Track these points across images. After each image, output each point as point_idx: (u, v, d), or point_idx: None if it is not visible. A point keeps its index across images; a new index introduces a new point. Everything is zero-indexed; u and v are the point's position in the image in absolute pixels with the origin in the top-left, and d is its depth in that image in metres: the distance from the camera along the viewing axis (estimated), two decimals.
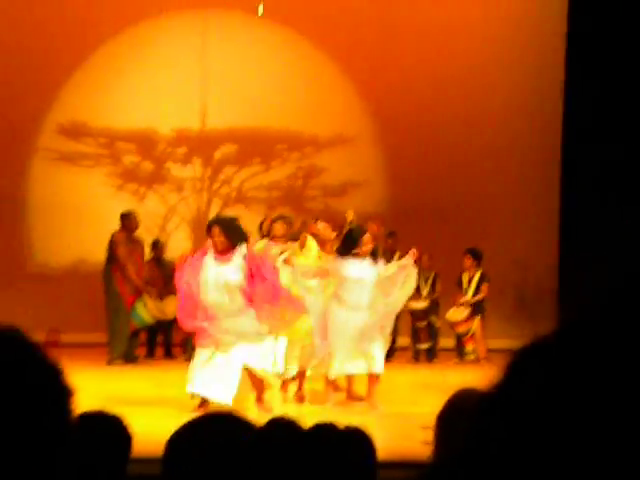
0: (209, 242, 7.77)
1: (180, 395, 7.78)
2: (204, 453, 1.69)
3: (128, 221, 11.08)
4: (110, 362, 10.72)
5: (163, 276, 11.14)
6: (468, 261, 11.57)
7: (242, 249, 7.61)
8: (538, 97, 12.79)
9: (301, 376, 8.29)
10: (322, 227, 8.60)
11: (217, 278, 7.53)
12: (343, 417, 5.58)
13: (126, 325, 10.85)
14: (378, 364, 7.76)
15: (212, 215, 13.20)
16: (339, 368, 7.79)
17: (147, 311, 10.87)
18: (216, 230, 7.65)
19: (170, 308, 10.52)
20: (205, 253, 7.70)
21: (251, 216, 11.99)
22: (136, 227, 11.14)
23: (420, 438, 5.53)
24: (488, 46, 13.00)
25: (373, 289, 7.84)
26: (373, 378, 7.80)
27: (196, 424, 1.77)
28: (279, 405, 7.99)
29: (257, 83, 12.97)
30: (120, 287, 10.85)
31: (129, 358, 10.86)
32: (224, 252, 7.57)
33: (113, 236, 11.01)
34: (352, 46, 12.99)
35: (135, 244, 11.11)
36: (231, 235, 7.61)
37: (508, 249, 12.76)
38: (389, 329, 8.17)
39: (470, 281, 11.58)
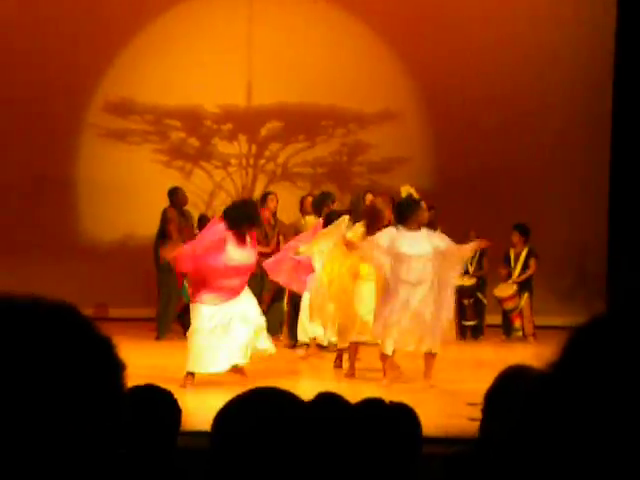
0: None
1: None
2: (251, 428, 1.71)
3: (176, 197, 11.14)
4: (159, 338, 10.80)
5: None
6: (516, 237, 11.51)
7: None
8: (589, 73, 12.62)
9: (352, 351, 8.36)
10: (379, 202, 8.58)
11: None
12: (389, 393, 5.60)
13: (176, 301, 10.91)
14: (436, 342, 7.74)
15: (258, 191, 13.28)
16: (396, 344, 7.73)
17: None
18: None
19: None
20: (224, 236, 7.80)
21: (297, 192, 12.02)
22: (185, 202, 11.21)
23: (466, 414, 5.54)
24: (536, 22, 12.83)
25: (429, 264, 7.75)
26: (430, 356, 7.79)
27: (243, 399, 1.79)
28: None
29: (303, 59, 12.94)
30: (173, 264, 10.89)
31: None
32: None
33: (164, 212, 11.06)
34: (398, 21, 12.90)
35: (185, 220, 11.18)
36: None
37: (555, 226, 12.64)
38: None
39: (518, 257, 11.53)
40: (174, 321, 11.04)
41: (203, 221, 11.77)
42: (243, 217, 7.81)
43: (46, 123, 12.76)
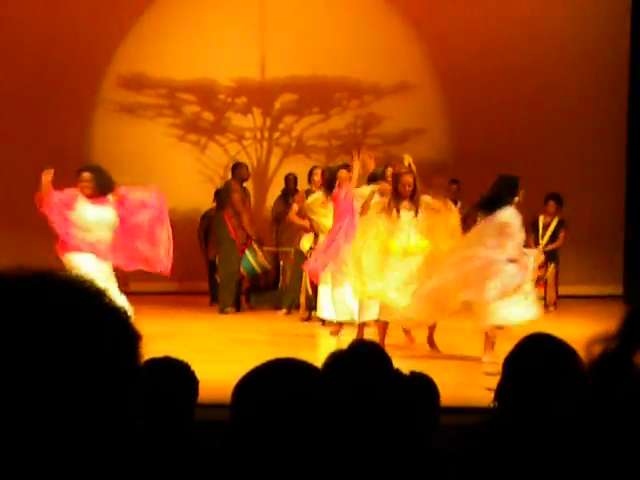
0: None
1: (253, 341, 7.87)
2: (270, 399, 1.71)
3: (240, 170, 11.19)
4: (222, 310, 10.80)
5: None
6: (552, 207, 11.43)
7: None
8: (608, 39, 12.51)
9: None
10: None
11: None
12: (407, 364, 5.60)
13: (237, 273, 10.94)
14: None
15: (273, 164, 13.25)
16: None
17: (257, 260, 10.96)
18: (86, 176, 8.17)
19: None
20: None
21: (312, 165, 11.99)
22: (247, 177, 11.28)
23: (483, 385, 5.54)
24: None
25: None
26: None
27: (262, 370, 1.78)
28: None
29: (316, 32, 12.87)
30: (234, 234, 10.94)
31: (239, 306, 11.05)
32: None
33: (227, 185, 11.14)
34: None
35: (245, 194, 11.26)
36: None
37: (572, 197, 12.58)
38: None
39: (547, 226, 11.47)
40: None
41: (219, 195, 11.78)
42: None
43: (60, 99, 12.75)
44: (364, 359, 2.31)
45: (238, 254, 10.86)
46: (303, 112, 13.34)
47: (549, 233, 11.45)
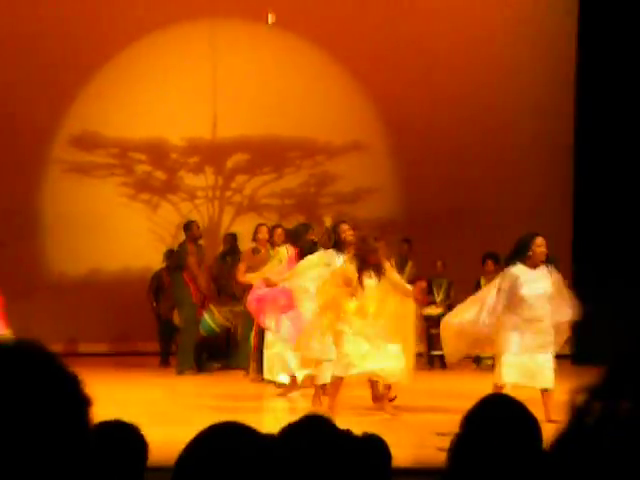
0: None
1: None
2: (208, 465, 1.69)
3: (190, 231, 11.13)
4: (181, 372, 10.69)
5: None
6: (490, 266, 11.36)
7: None
8: (550, 99, 12.78)
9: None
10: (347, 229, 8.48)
11: None
12: (360, 424, 5.58)
13: (196, 334, 10.87)
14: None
15: (225, 223, 13.26)
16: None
17: (215, 320, 10.89)
18: None
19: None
20: None
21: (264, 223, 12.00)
22: (200, 236, 11.21)
23: (435, 444, 5.53)
24: (499, 52, 13.00)
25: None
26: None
27: (201, 436, 1.76)
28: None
29: (267, 91, 13.00)
30: (195, 297, 10.88)
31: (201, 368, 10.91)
32: None
33: (182, 246, 11.06)
34: (362, 52, 13.01)
35: (201, 253, 11.20)
36: None
37: None
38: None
39: None
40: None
41: (171, 255, 11.71)
42: None
43: (11, 157, 12.69)
44: (315, 431, 2.31)
45: (197, 317, 10.84)
46: (255, 171, 13.40)
47: None
